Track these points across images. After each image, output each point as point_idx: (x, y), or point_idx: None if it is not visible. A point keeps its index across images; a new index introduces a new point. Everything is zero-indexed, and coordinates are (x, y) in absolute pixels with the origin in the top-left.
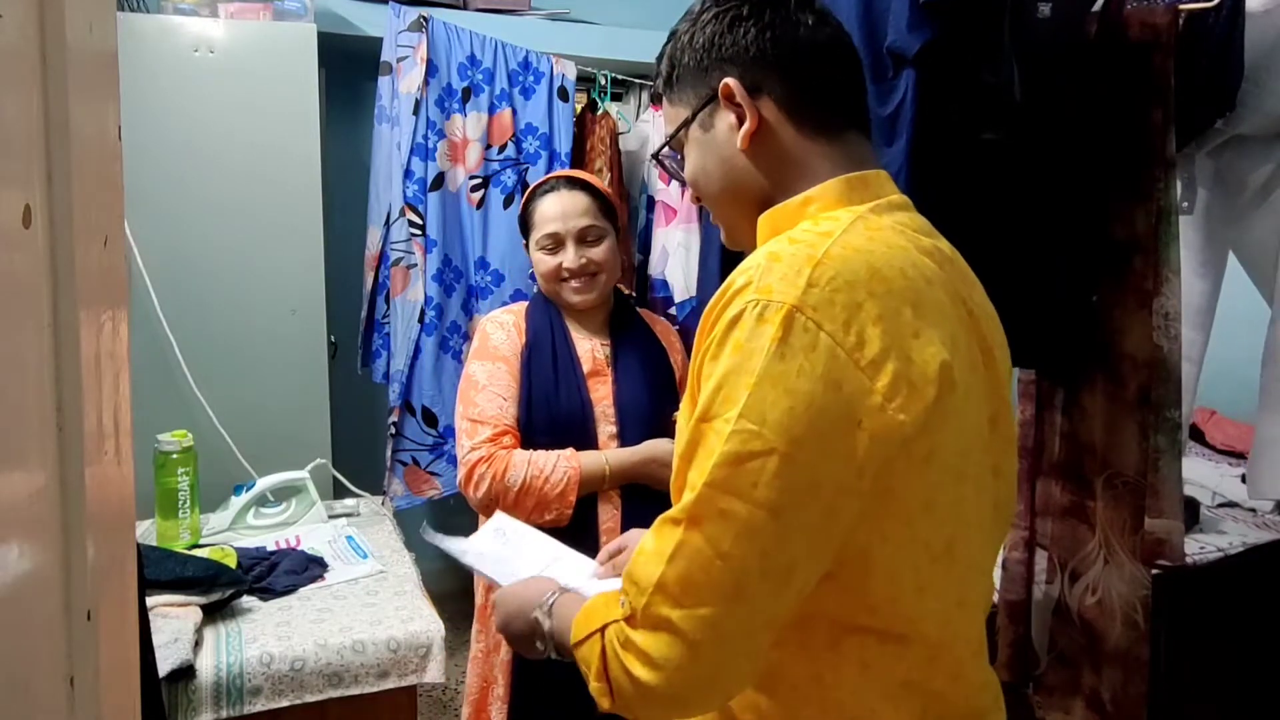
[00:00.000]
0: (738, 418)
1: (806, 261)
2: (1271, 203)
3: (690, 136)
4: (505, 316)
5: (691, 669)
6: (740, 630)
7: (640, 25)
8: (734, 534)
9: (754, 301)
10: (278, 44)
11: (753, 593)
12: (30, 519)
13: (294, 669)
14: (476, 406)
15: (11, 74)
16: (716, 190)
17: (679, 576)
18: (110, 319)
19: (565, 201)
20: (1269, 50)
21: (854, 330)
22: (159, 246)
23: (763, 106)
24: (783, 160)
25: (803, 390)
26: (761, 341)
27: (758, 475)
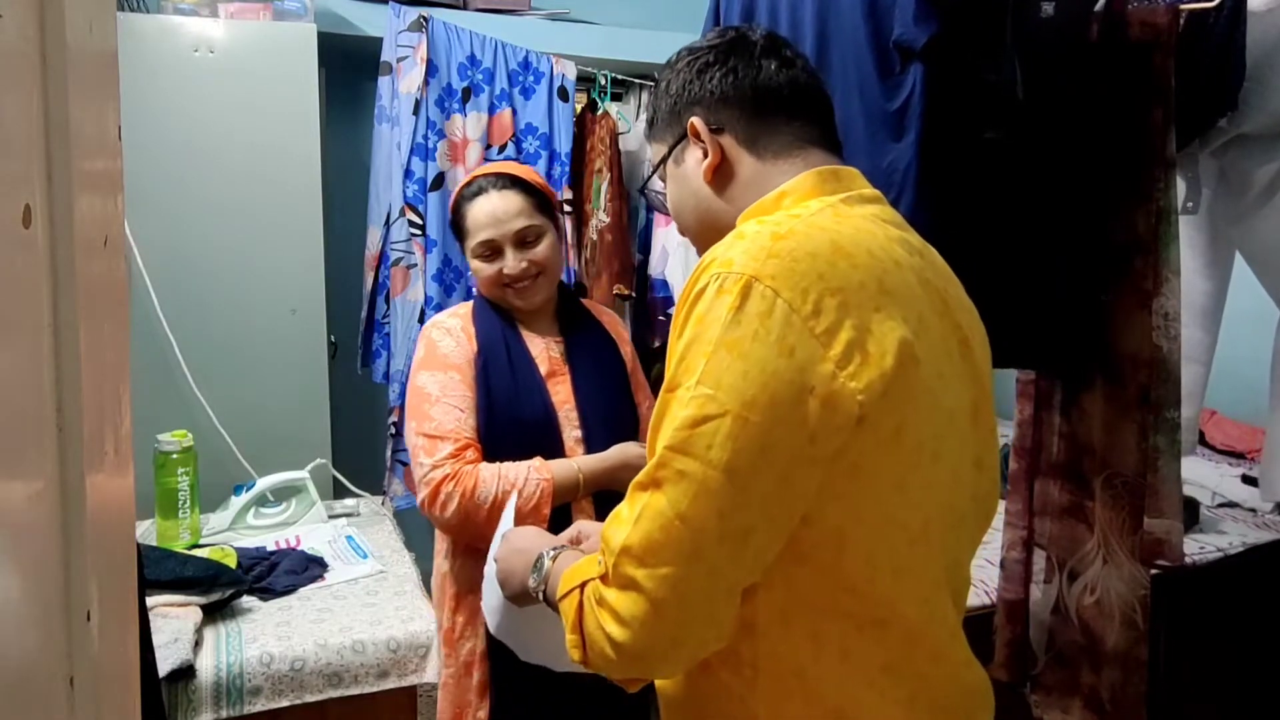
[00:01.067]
0: (695, 384)
1: (770, 237)
2: (1277, 201)
3: (668, 173)
4: (451, 322)
5: (656, 626)
6: (700, 590)
7: (640, 25)
8: (691, 495)
9: (716, 275)
10: (278, 44)
11: (711, 554)
12: (30, 520)
13: (294, 669)
14: (432, 420)
15: (11, 74)
16: (691, 219)
17: (643, 537)
18: (110, 319)
19: (497, 204)
20: (1271, 49)
21: (810, 299)
22: (159, 246)
23: (723, 141)
24: (744, 186)
25: (756, 355)
26: (719, 311)
27: (712, 437)
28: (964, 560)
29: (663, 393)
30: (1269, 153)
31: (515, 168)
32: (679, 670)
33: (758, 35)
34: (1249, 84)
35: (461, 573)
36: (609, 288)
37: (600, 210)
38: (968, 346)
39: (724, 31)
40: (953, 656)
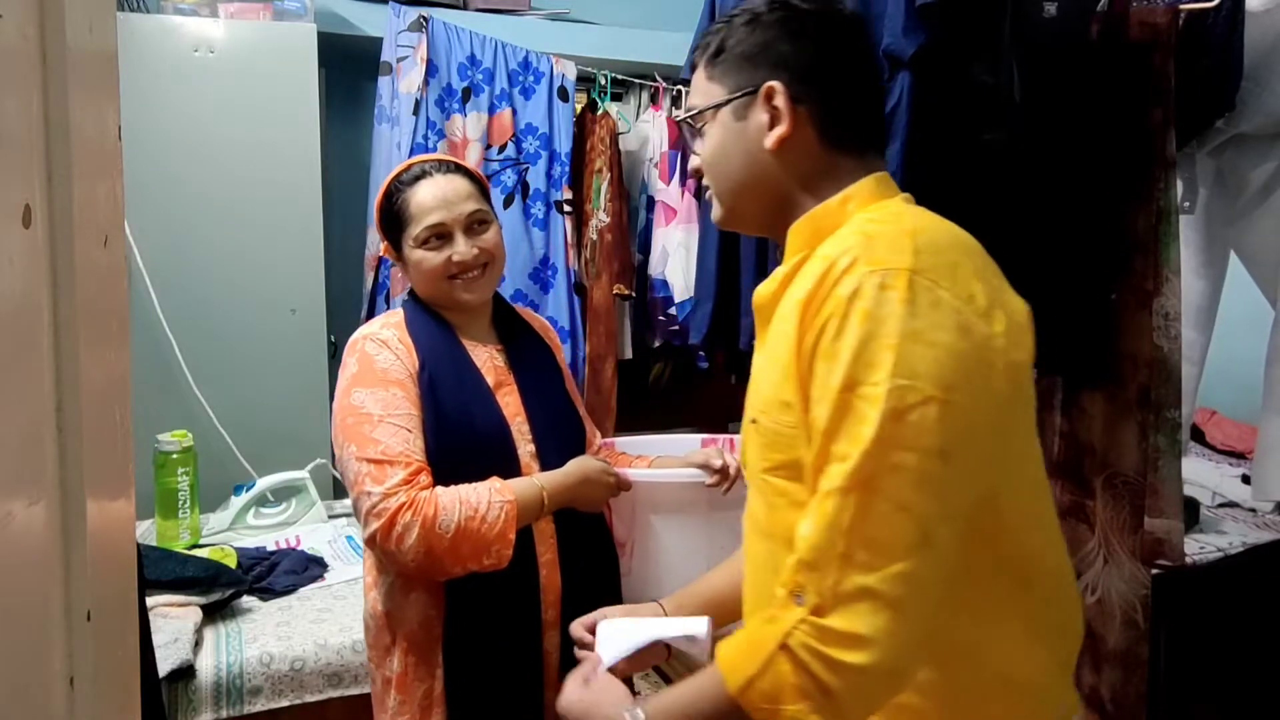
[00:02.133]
0: (889, 377)
1: (902, 234)
2: (1273, 202)
3: (718, 118)
4: (385, 333)
5: (901, 631)
6: (933, 579)
7: (640, 25)
8: (911, 484)
9: (870, 272)
10: (278, 44)
11: (938, 538)
12: (30, 520)
13: (294, 669)
14: (378, 444)
15: (11, 74)
16: (733, 177)
17: (864, 540)
18: (110, 319)
19: (445, 187)
20: (1269, 50)
21: (961, 286)
22: (159, 246)
23: (798, 116)
24: (805, 167)
25: (941, 341)
26: (891, 306)
27: (921, 424)
28: None
29: (838, 393)
30: (1266, 153)
31: (452, 157)
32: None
33: (854, 15)
34: (1246, 84)
35: (412, 610)
36: (609, 288)
37: (600, 210)
38: None
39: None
40: (1077, 601)
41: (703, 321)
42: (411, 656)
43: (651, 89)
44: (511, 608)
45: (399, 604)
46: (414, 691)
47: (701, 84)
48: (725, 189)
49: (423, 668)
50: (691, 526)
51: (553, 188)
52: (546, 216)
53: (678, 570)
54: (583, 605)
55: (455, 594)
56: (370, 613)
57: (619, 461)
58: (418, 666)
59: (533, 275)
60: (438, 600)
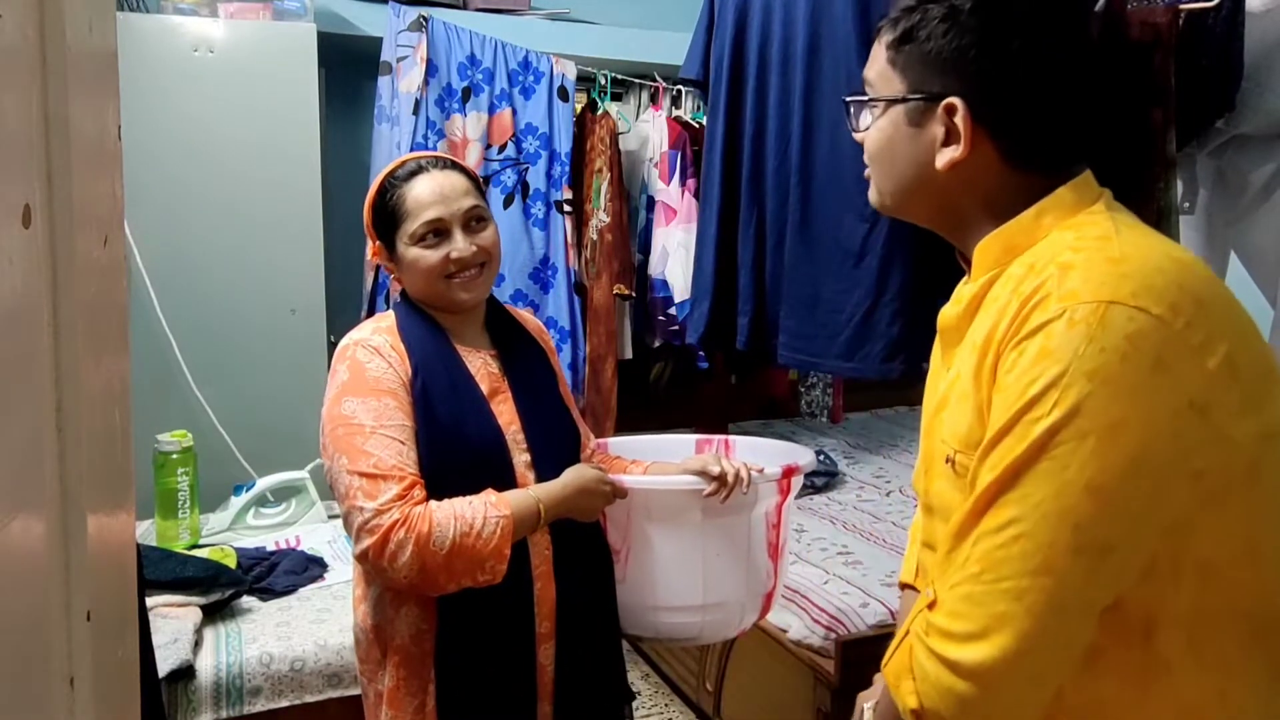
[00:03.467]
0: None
1: (1107, 260)
2: (1273, 203)
3: (888, 113)
4: (377, 339)
5: (1000, 640)
6: (1050, 605)
7: (640, 25)
8: (1040, 514)
9: (1060, 310)
10: (277, 44)
11: (1060, 567)
12: (30, 520)
13: (294, 669)
14: (371, 456)
15: (11, 74)
16: (899, 180)
17: (981, 555)
18: (110, 319)
19: (442, 182)
20: (1270, 50)
21: (1183, 312)
22: (159, 246)
23: (978, 138)
24: (985, 187)
25: (1119, 375)
26: (1074, 341)
27: (1068, 457)
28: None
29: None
30: (1266, 153)
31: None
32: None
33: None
34: (1247, 84)
35: (403, 623)
36: (609, 288)
37: (600, 210)
38: None
39: None
40: None
41: (700, 321)
42: (403, 670)
43: (651, 89)
44: (505, 621)
45: (389, 617)
46: (406, 706)
47: (880, 62)
48: (888, 187)
49: (415, 682)
50: (686, 533)
51: (553, 188)
52: (546, 216)
53: (672, 577)
54: (578, 616)
55: (447, 607)
56: (360, 626)
57: (614, 466)
58: (409, 680)
59: (533, 275)
60: (429, 613)
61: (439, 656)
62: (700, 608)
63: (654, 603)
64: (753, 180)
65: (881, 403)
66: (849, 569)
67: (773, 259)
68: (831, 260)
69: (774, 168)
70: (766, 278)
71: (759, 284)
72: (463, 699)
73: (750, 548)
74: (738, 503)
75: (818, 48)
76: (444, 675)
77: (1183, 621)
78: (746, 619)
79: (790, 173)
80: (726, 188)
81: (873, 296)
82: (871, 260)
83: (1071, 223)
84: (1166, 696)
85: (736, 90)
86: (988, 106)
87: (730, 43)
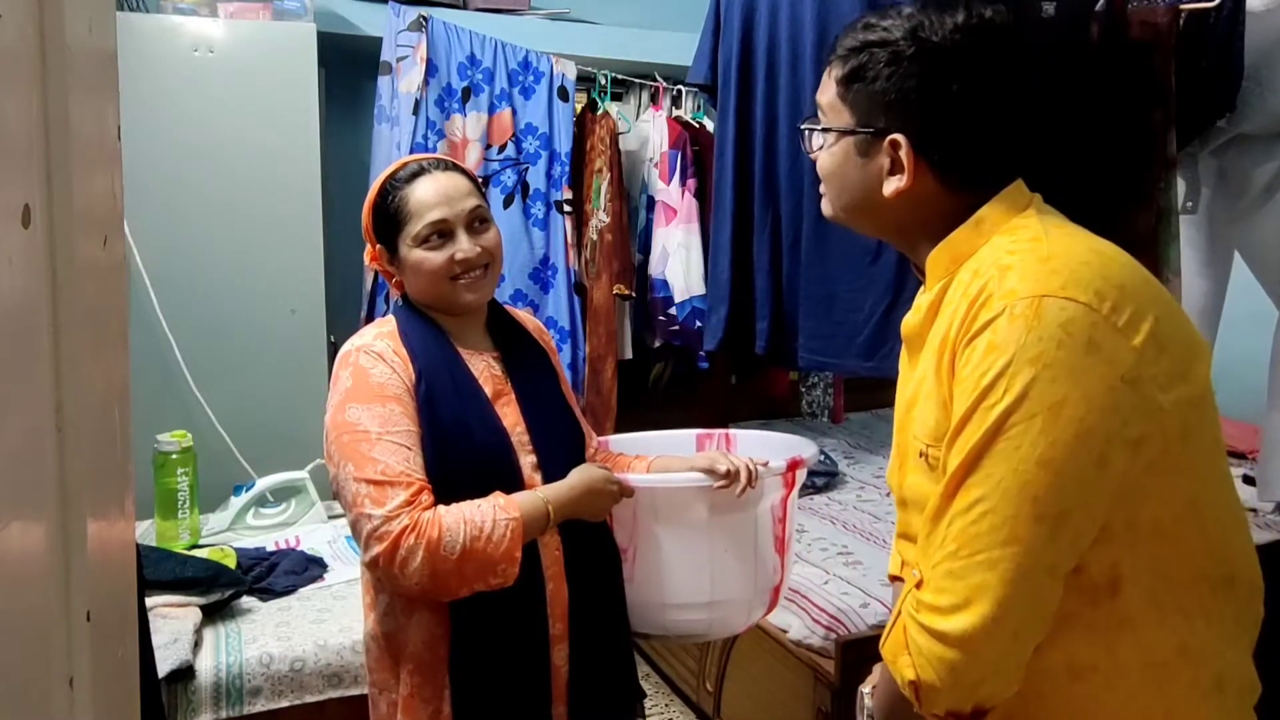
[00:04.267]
0: (1000, 399)
1: (1037, 259)
2: (1275, 202)
3: (839, 141)
4: (379, 344)
5: (982, 609)
6: (1022, 571)
7: (640, 25)
8: (1001, 489)
9: (1003, 307)
10: (277, 44)
11: (1026, 535)
12: (31, 520)
13: (294, 669)
14: (377, 463)
15: (11, 74)
16: (848, 200)
17: (956, 533)
18: (110, 319)
19: (445, 183)
20: (1270, 49)
21: (1107, 298)
22: (159, 246)
23: (920, 168)
24: (926, 211)
25: (1058, 358)
26: (1014, 333)
27: (1021, 436)
28: None
29: (959, 417)
30: (1268, 153)
31: (446, 156)
32: (1015, 668)
33: (1003, 28)
34: (1248, 84)
35: (415, 631)
36: (609, 288)
37: (600, 210)
38: None
39: (970, 11)
40: (1261, 584)
41: (718, 327)
42: (418, 678)
43: (651, 89)
44: (518, 623)
45: (401, 625)
46: (421, 714)
47: (831, 94)
48: (839, 204)
49: (429, 689)
50: (692, 530)
51: (553, 188)
52: (546, 216)
53: (680, 575)
54: (590, 616)
55: (460, 612)
56: (370, 635)
57: (617, 464)
58: (424, 688)
59: (533, 275)
60: (442, 619)
61: (453, 662)
62: (708, 604)
63: (662, 600)
64: (766, 182)
65: (882, 403)
66: (849, 569)
67: (789, 261)
68: (848, 259)
69: (787, 169)
70: (784, 281)
71: (776, 287)
72: (479, 703)
73: (757, 543)
74: (744, 499)
75: (826, 47)
76: (459, 681)
77: (1143, 580)
78: (754, 613)
79: (804, 173)
80: (739, 192)
81: (891, 294)
82: (889, 258)
83: (1007, 228)
84: (1132, 651)
85: (746, 93)
86: (929, 142)
87: (738, 45)
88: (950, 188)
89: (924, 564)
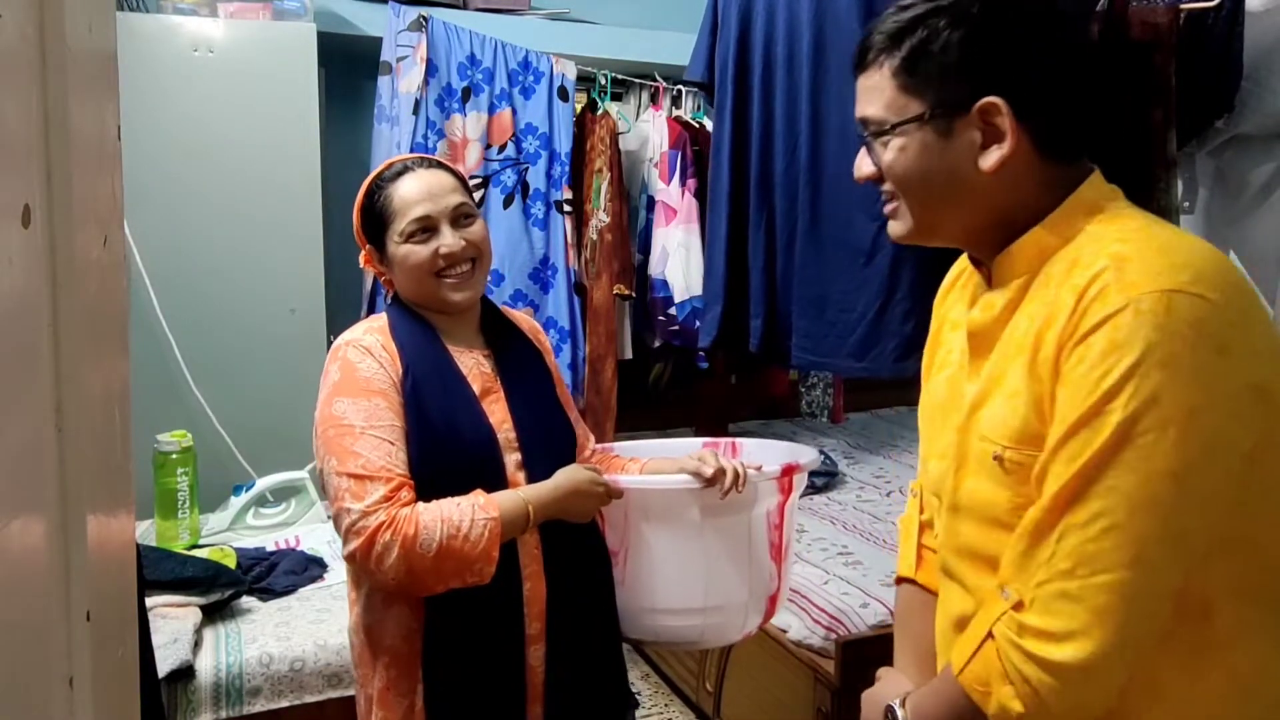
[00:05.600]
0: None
1: (1156, 250)
2: (1273, 202)
3: (911, 136)
4: (369, 339)
5: (1102, 635)
6: (1144, 594)
7: (640, 25)
8: (1129, 505)
9: (1125, 302)
10: (277, 44)
11: (1152, 557)
12: (30, 520)
13: (294, 669)
14: (359, 457)
15: (11, 74)
16: (934, 196)
17: (1070, 551)
18: (110, 319)
19: (429, 180)
20: (1269, 49)
21: (1226, 303)
22: (159, 246)
23: (1017, 133)
24: (1025, 185)
25: (1193, 362)
26: (1144, 330)
27: (1154, 447)
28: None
29: (1075, 419)
30: (1266, 153)
31: (433, 157)
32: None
33: None
34: (1247, 84)
35: (393, 623)
36: (609, 288)
37: (600, 210)
38: None
39: None
40: None
41: (712, 325)
42: (393, 671)
43: (651, 89)
44: (493, 621)
45: (379, 617)
46: (396, 707)
47: (888, 93)
48: (921, 207)
49: (405, 682)
50: (684, 534)
51: (553, 188)
52: (546, 216)
53: (672, 579)
54: (571, 617)
55: (435, 607)
56: (353, 626)
57: (611, 465)
58: (399, 681)
59: (533, 275)
60: (418, 613)
61: (426, 656)
62: (701, 610)
63: (653, 605)
64: (761, 182)
65: (882, 403)
66: (849, 569)
67: (784, 260)
68: (842, 260)
69: (782, 169)
70: (778, 279)
71: (770, 286)
72: (450, 700)
73: (751, 548)
74: (737, 502)
75: (823, 47)
76: (431, 676)
77: (1233, 598)
78: (750, 622)
79: (799, 173)
80: (735, 190)
81: (884, 295)
82: (882, 259)
83: (1102, 218)
84: (1218, 674)
85: (742, 92)
86: (1027, 100)
87: (735, 44)
88: (1044, 155)
89: (1020, 582)
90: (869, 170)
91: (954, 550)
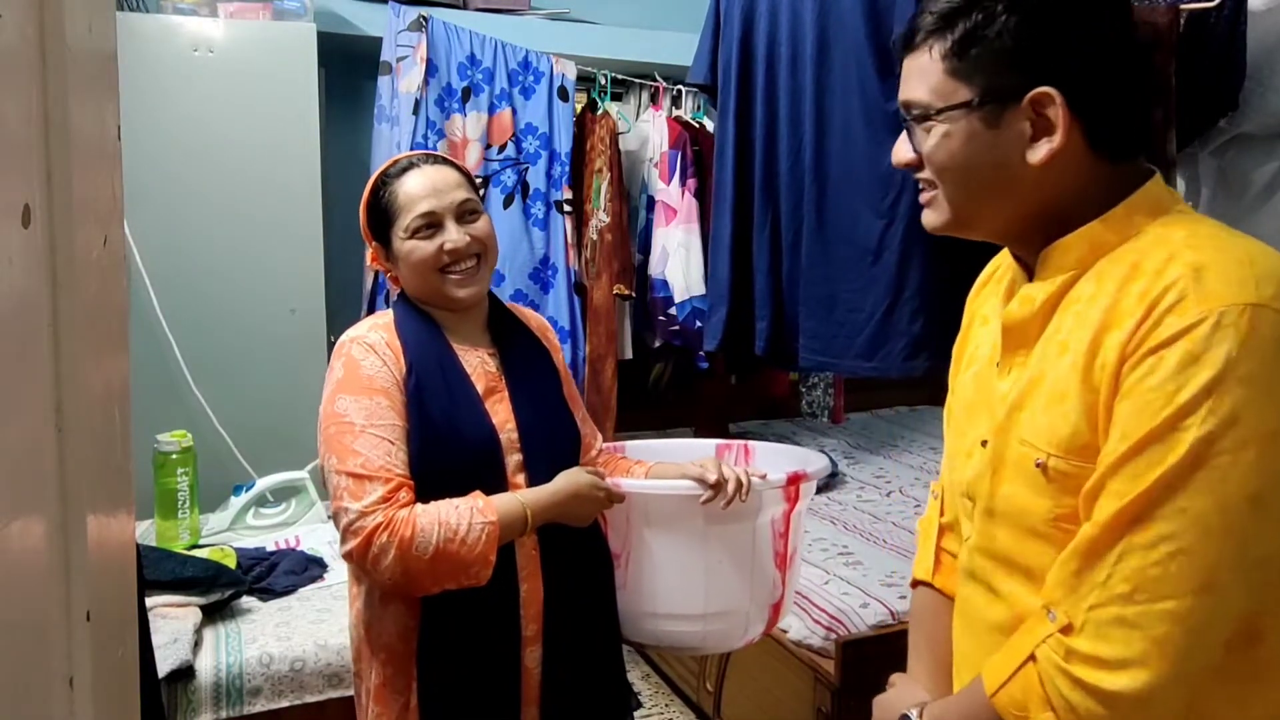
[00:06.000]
0: (1202, 421)
1: (1238, 262)
2: (1276, 202)
3: (958, 123)
4: (373, 336)
5: (1160, 665)
6: (1210, 623)
7: (640, 25)
8: (1200, 529)
9: (1201, 315)
10: (277, 44)
11: (1223, 585)
12: (30, 520)
13: (294, 669)
14: (358, 456)
15: (11, 74)
16: (977, 187)
17: (1130, 574)
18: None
19: (434, 176)
20: (1272, 48)
21: None
22: (159, 246)
23: (1069, 126)
24: (1075, 181)
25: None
26: (1224, 346)
27: (1230, 469)
28: None
29: (1143, 435)
30: (1268, 152)
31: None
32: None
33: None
34: (1249, 84)
35: (390, 621)
36: (609, 288)
37: (600, 210)
38: None
39: None
40: None
41: (717, 327)
42: (389, 668)
43: (651, 89)
44: (489, 621)
45: (378, 614)
46: (391, 704)
47: (933, 73)
48: (961, 197)
49: (401, 680)
50: (687, 539)
51: (553, 188)
52: (546, 216)
53: (673, 584)
54: (569, 619)
55: (431, 606)
56: (352, 622)
57: (616, 467)
58: (395, 678)
59: (533, 275)
60: (415, 612)
61: (421, 655)
62: (702, 616)
63: (654, 610)
64: (766, 182)
65: (882, 403)
66: (849, 569)
67: (789, 261)
68: (849, 259)
69: (787, 168)
70: (784, 281)
71: (776, 287)
72: (444, 699)
73: (755, 556)
74: (741, 510)
75: (827, 46)
76: (426, 674)
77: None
78: (752, 629)
79: (804, 173)
80: (739, 191)
81: (892, 294)
82: (889, 257)
83: (1165, 220)
84: (1261, 704)
85: (746, 93)
86: (1081, 92)
87: (738, 45)
88: (1095, 151)
89: (1070, 604)
90: (908, 156)
91: (986, 554)
